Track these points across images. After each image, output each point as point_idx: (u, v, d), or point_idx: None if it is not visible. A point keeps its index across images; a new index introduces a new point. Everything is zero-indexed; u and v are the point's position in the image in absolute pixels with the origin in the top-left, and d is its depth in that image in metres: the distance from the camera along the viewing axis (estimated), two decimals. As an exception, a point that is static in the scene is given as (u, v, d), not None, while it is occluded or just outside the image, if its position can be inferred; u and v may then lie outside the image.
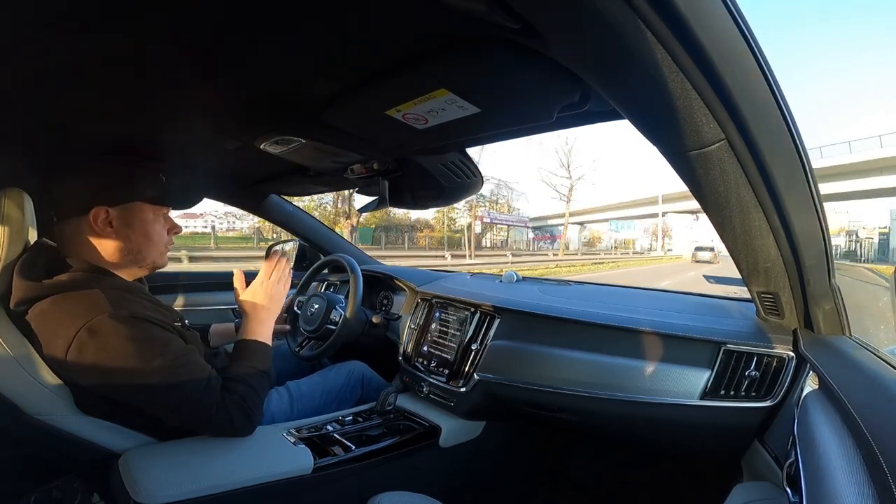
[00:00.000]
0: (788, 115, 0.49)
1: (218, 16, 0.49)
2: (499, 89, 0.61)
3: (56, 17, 0.49)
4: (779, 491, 0.60)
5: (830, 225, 0.89)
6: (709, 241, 25.18)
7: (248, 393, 0.81)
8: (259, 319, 0.92)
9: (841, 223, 34.17)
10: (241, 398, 0.80)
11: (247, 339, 0.90)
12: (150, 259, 0.86)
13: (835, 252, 0.79)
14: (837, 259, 0.71)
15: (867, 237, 31.00)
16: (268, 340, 0.92)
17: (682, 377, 0.83)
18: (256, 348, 0.89)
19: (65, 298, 0.74)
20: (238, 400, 0.79)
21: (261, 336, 0.91)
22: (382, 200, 1.08)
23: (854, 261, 24.16)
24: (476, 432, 1.12)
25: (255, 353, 0.88)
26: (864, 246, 29.65)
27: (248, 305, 0.92)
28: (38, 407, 0.74)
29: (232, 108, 0.76)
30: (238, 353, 0.88)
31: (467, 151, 0.97)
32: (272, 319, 0.94)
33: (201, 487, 0.73)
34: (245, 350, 0.88)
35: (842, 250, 28.68)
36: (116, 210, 0.80)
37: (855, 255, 27.93)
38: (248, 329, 0.91)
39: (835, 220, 33.73)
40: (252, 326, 0.91)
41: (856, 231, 32.83)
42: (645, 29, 0.37)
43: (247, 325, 0.91)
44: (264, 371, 0.87)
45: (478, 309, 1.13)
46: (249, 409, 0.80)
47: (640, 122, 0.52)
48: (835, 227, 34.57)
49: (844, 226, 34.33)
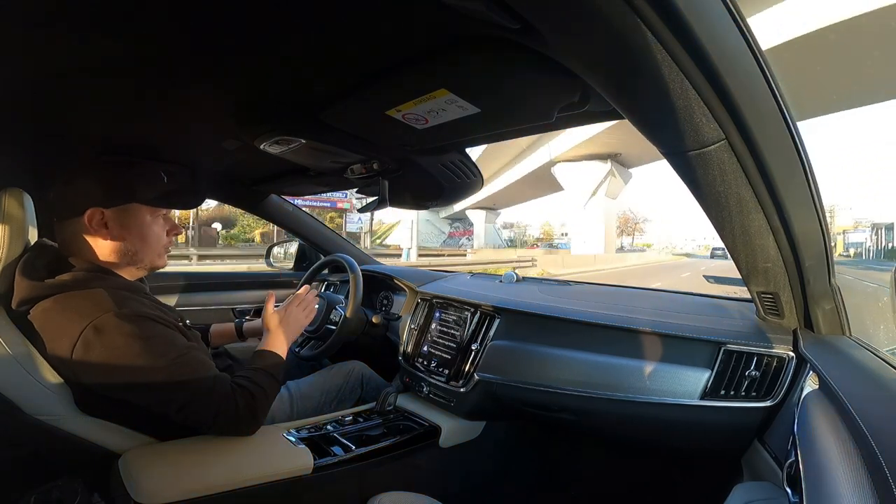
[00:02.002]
0: (788, 115, 0.49)
1: (218, 16, 0.49)
2: (499, 89, 0.61)
3: (56, 18, 0.49)
4: (779, 491, 0.60)
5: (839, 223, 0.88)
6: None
7: (259, 392, 0.82)
8: (280, 339, 0.96)
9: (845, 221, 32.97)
10: (252, 396, 0.81)
11: (266, 350, 0.93)
12: (148, 260, 0.86)
13: (871, 252, 0.77)
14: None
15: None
16: (283, 356, 0.95)
17: (682, 377, 0.83)
18: (274, 360, 0.92)
19: (68, 297, 0.74)
20: (248, 397, 0.80)
21: (279, 351, 0.94)
22: (382, 200, 1.08)
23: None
24: (476, 432, 1.12)
25: (272, 363, 0.91)
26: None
27: (272, 324, 0.97)
28: (39, 407, 0.74)
29: (232, 108, 0.76)
30: (256, 358, 0.91)
31: (467, 151, 0.97)
32: (289, 342, 0.98)
33: (201, 487, 0.73)
34: (263, 357, 0.91)
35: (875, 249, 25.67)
36: (112, 211, 0.80)
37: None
38: (269, 343, 0.94)
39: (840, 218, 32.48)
40: (272, 342, 0.95)
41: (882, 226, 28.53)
42: (645, 29, 0.37)
43: (267, 340, 0.95)
44: (278, 377, 0.89)
45: (478, 309, 1.13)
46: (256, 407, 0.81)
47: (639, 122, 0.52)
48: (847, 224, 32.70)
49: (849, 224, 33.05)
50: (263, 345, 0.94)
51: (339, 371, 1.21)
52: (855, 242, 30.21)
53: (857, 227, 32.99)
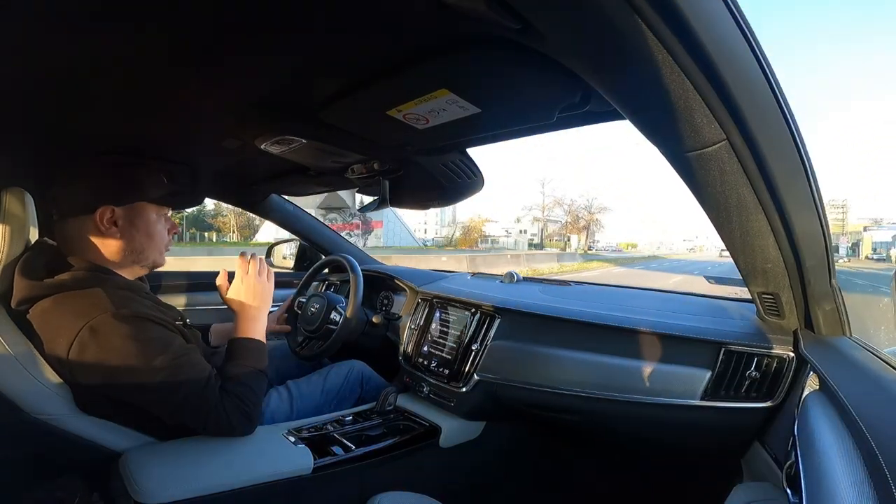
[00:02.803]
0: (789, 115, 0.49)
1: (218, 16, 0.49)
2: (499, 89, 0.61)
3: (57, 18, 0.49)
4: (779, 491, 0.60)
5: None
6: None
7: (245, 392, 0.81)
8: (249, 317, 0.92)
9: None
10: (239, 399, 0.80)
11: (240, 338, 0.89)
12: (152, 258, 0.86)
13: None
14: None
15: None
16: (261, 337, 0.92)
17: (682, 378, 0.83)
18: (251, 346, 0.89)
19: (66, 297, 0.74)
20: (235, 401, 0.79)
21: (254, 333, 0.91)
22: (383, 200, 1.08)
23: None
24: (476, 432, 1.12)
25: (250, 351, 0.88)
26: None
27: (235, 304, 0.92)
28: (39, 406, 0.74)
29: (232, 108, 0.76)
30: (232, 352, 0.88)
31: (468, 151, 0.97)
32: (263, 316, 0.94)
33: (201, 487, 0.73)
34: (239, 349, 0.88)
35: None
36: (122, 209, 0.80)
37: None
38: (240, 328, 0.91)
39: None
40: (243, 325, 0.91)
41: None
42: (645, 29, 0.37)
43: (238, 324, 0.91)
44: (260, 370, 0.87)
45: (478, 309, 1.13)
46: (248, 408, 0.80)
47: (640, 123, 0.52)
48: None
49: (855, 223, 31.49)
50: (236, 331, 0.90)
51: (339, 371, 1.21)
52: (882, 242, 28.52)
53: (871, 224, 31.12)
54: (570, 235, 38.84)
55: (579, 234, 39.12)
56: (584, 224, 38.52)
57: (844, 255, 23.55)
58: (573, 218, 39.08)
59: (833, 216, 24.45)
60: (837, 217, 26.27)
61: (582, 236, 39.33)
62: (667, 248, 50.95)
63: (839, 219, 26.57)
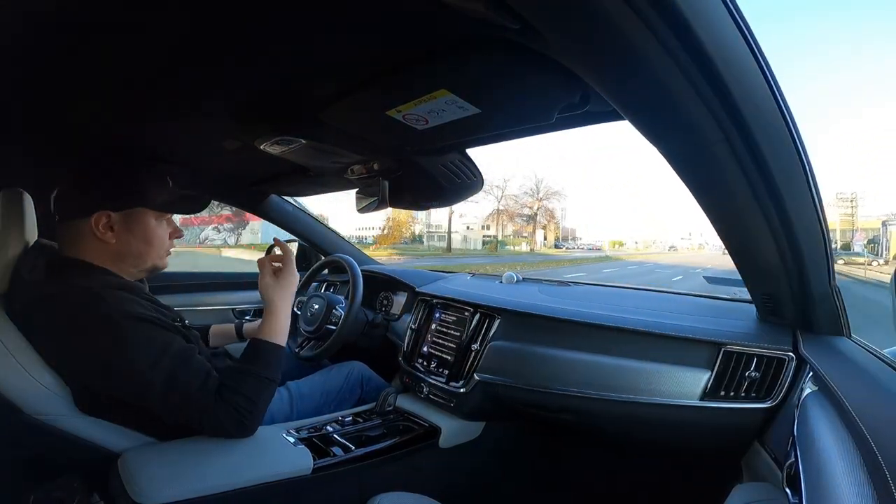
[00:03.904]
0: (788, 115, 0.49)
1: (218, 16, 0.49)
2: (499, 90, 0.61)
3: (57, 18, 0.49)
4: (778, 492, 0.60)
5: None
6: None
7: (243, 403, 0.77)
8: (281, 315, 0.87)
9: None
10: (234, 407, 0.76)
11: (262, 340, 0.84)
12: (150, 263, 0.85)
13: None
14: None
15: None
16: (283, 340, 0.86)
17: (682, 378, 0.82)
18: (270, 351, 0.84)
19: (66, 298, 0.74)
20: (229, 408, 0.76)
21: (277, 334, 0.86)
22: (382, 201, 1.08)
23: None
24: (476, 433, 1.12)
25: (269, 357, 0.83)
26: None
27: (270, 290, 0.87)
28: (38, 406, 0.74)
29: (232, 108, 0.76)
30: (248, 354, 0.83)
31: (468, 152, 0.97)
32: (288, 309, 0.89)
33: (201, 487, 0.73)
34: (257, 352, 0.83)
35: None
36: (119, 215, 0.80)
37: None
38: (267, 325, 0.85)
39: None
40: (265, 319, 0.86)
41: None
42: (645, 29, 0.37)
43: (267, 321, 0.86)
44: (271, 378, 0.82)
45: (477, 309, 1.13)
46: (242, 416, 0.77)
47: (640, 123, 0.52)
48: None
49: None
50: (262, 328, 0.85)
51: (339, 371, 1.20)
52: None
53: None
54: (535, 231, 32.09)
55: (545, 229, 32.78)
56: (531, 213, 30.75)
57: (863, 253, 20.15)
58: (518, 206, 30.83)
59: (842, 210, 22.57)
60: (846, 212, 23.77)
61: (548, 231, 33.14)
62: (658, 248, 49.02)
63: (848, 213, 24.03)
